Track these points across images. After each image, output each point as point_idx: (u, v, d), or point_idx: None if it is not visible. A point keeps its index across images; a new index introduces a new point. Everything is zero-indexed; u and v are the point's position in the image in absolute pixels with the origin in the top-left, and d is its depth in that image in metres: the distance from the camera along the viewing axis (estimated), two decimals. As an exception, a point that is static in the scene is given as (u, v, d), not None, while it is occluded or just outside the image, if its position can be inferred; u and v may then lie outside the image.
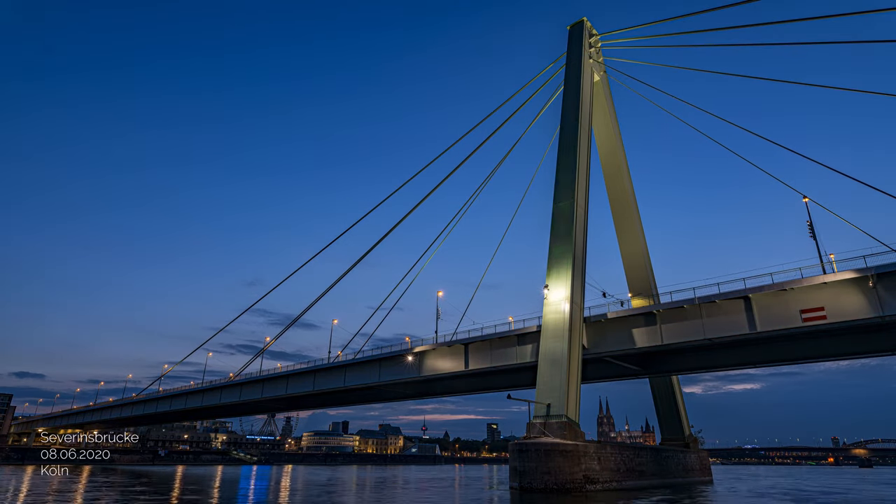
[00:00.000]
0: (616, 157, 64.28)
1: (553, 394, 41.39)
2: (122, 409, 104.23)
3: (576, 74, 56.75)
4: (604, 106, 63.93)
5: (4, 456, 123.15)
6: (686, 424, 63.91)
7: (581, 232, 48.36)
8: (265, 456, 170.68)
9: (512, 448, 40.40)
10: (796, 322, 36.03)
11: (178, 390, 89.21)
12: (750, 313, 37.95)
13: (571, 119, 53.83)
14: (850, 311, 34.31)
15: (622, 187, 63.59)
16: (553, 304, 44.87)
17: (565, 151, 52.33)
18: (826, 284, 35.32)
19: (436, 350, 54.69)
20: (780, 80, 49.51)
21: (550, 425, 40.19)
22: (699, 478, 60.88)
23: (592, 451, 40.35)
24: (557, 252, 47.46)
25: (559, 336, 43.09)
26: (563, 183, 50.45)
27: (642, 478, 46.88)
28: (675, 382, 64.32)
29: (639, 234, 62.68)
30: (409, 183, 65.33)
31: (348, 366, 62.25)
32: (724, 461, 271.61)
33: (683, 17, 50.50)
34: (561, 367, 41.72)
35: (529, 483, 37.79)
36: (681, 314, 41.26)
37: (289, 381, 69.06)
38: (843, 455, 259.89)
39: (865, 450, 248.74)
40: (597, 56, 61.40)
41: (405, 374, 56.21)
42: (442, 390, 64.36)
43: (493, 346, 50.75)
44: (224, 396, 78.12)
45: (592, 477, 38.96)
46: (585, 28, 59.61)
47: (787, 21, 43.63)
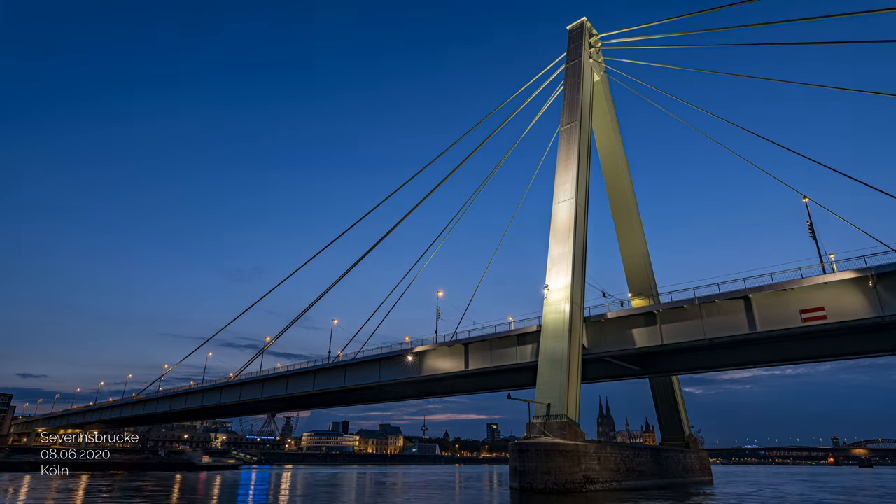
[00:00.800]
0: (616, 157, 64.26)
1: (553, 394, 41.39)
2: (122, 409, 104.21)
3: (576, 74, 56.74)
4: (604, 106, 63.90)
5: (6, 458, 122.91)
6: (686, 424, 63.88)
7: (581, 232, 48.35)
8: (265, 456, 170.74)
9: (512, 448, 40.40)
10: (796, 322, 36.01)
11: (178, 390, 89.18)
12: (750, 313, 37.93)
13: (571, 119, 53.81)
14: (851, 311, 34.28)
15: (622, 187, 63.56)
16: (553, 304, 44.88)
17: (565, 151, 52.33)
18: (826, 284, 35.30)
19: (436, 350, 54.68)
20: (781, 80, 49.50)
21: (550, 425, 40.19)
22: (699, 478, 60.82)
23: (592, 451, 40.34)
24: (557, 252, 47.48)
25: (559, 336, 43.09)
26: (563, 183, 50.47)
27: (642, 478, 46.86)
28: (675, 382, 64.29)
29: (639, 234, 62.64)
30: (410, 183, 65.30)
31: (348, 366, 62.24)
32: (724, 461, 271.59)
33: (683, 17, 50.50)
34: (561, 367, 41.72)
35: (529, 483, 37.78)
36: (681, 314, 41.24)
37: (289, 381, 69.05)
38: (843, 455, 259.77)
39: (865, 450, 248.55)
40: (597, 56, 61.38)
41: (405, 374, 56.20)
42: (442, 390, 64.34)
43: (493, 346, 50.74)
44: (224, 396, 78.10)
45: (592, 477, 38.95)
46: (585, 28, 59.59)
47: (787, 21, 43.63)
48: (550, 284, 46.09)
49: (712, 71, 54.41)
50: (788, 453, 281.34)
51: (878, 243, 35.95)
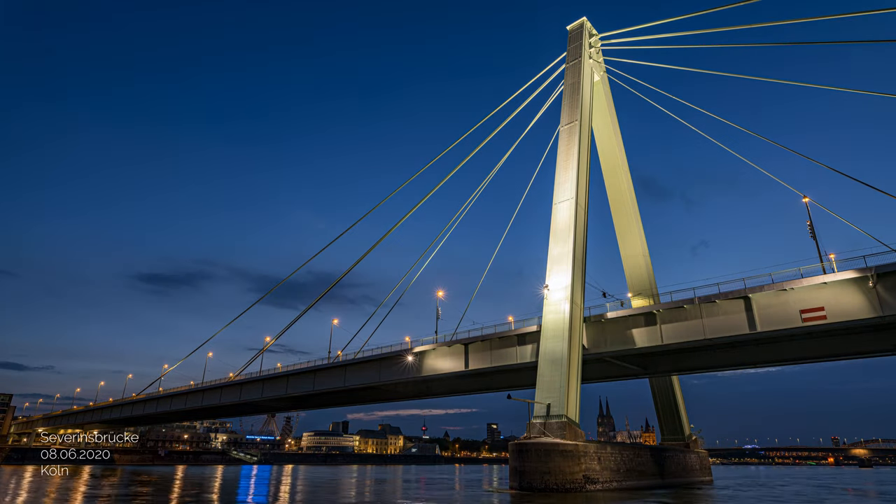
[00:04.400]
0: (616, 157, 64.26)
1: (553, 394, 41.39)
2: (122, 409, 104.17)
3: (576, 74, 56.72)
4: (604, 106, 63.89)
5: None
6: (686, 424, 63.92)
7: (581, 232, 48.34)
8: (265, 456, 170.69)
9: (512, 448, 40.40)
10: (796, 322, 36.01)
11: (178, 390, 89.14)
12: (750, 313, 37.93)
13: (571, 119, 53.80)
14: (851, 311, 34.28)
15: (622, 187, 63.57)
16: (553, 304, 44.87)
17: (565, 151, 52.32)
18: (826, 284, 35.29)
19: (436, 350, 54.68)
20: (781, 81, 49.53)
21: (550, 425, 40.19)
22: (699, 478, 60.87)
23: (592, 451, 40.35)
24: (557, 252, 47.48)
25: (559, 336, 43.09)
26: (563, 182, 50.46)
27: (642, 478, 46.87)
28: (675, 382, 64.31)
29: (639, 234, 62.66)
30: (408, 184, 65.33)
31: (348, 365, 62.22)
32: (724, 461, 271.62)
33: (683, 17, 50.46)
34: (561, 367, 41.73)
35: (529, 483, 37.79)
36: (681, 314, 41.24)
37: (289, 380, 69.03)
38: (842, 455, 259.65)
39: (865, 450, 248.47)
40: (597, 56, 61.36)
41: (405, 374, 56.17)
42: (442, 390, 64.30)
43: (493, 346, 50.73)
44: (224, 396, 78.06)
45: (592, 477, 38.96)
46: (585, 28, 59.55)
47: (786, 21, 43.64)
48: (550, 284, 46.09)
49: (712, 71, 54.43)
50: (788, 453, 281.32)
51: (878, 243, 35.99)
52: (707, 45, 50.69)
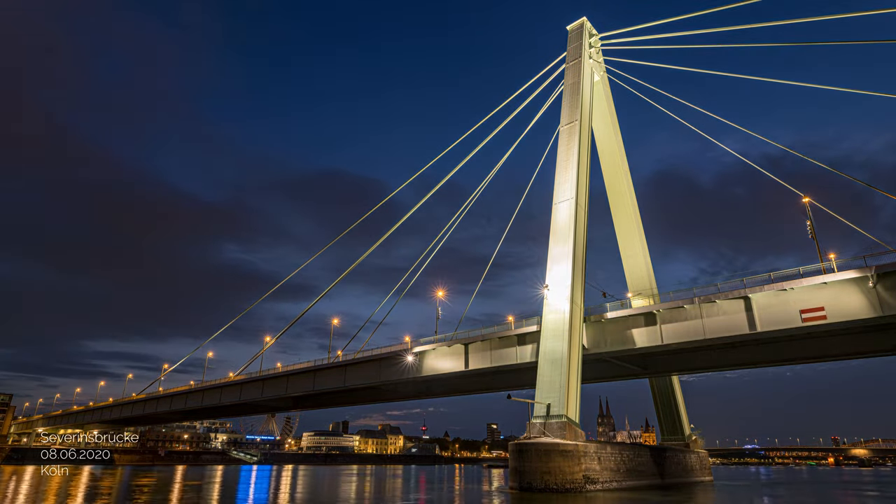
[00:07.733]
0: (616, 156, 64.27)
1: (553, 394, 41.40)
2: (121, 409, 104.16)
3: (576, 74, 56.73)
4: (604, 106, 63.90)
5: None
6: (686, 424, 63.94)
7: (581, 232, 48.35)
8: (265, 456, 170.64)
9: (512, 448, 40.40)
10: (796, 322, 36.04)
11: (178, 390, 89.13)
12: (750, 313, 37.94)
13: (571, 118, 53.81)
14: (851, 311, 34.31)
15: (622, 187, 63.60)
16: (553, 304, 44.89)
17: (565, 151, 52.33)
18: (826, 284, 35.32)
19: (436, 350, 54.69)
20: (780, 81, 49.58)
21: (550, 425, 40.20)
22: (699, 478, 60.89)
23: (592, 451, 40.35)
24: (557, 252, 47.48)
25: (559, 336, 43.10)
26: (563, 182, 50.47)
27: (642, 478, 46.87)
28: (674, 382, 64.34)
29: (639, 233, 62.69)
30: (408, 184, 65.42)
31: (348, 365, 62.22)
32: (724, 461, 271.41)
33: (683, 17, 50.46)
34: (561, 367, 41.73)
35: (529, 483, 37.80)
36: (681, 314, 41.25)
37: (289, 380, 69.03)
38: (842, 455, 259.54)
39: (865, 450, 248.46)
40: (597, 56, 61.36)
41: (405, 374, 56.19)
42: (442, 390, 64.35)
43: (494, 347, 50.75)
44: (224, 396, 78.07)
45: (592, 477, 38.96)
46: (585, 28, 59.55)
47: (786, 21, 43.65)
48: (550, 284, 46.10)
49: (712, 71, 54.48)
50: (788, 453, 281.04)
51: (878, 243, 36.02)
52: (707, 45, 50.72)
